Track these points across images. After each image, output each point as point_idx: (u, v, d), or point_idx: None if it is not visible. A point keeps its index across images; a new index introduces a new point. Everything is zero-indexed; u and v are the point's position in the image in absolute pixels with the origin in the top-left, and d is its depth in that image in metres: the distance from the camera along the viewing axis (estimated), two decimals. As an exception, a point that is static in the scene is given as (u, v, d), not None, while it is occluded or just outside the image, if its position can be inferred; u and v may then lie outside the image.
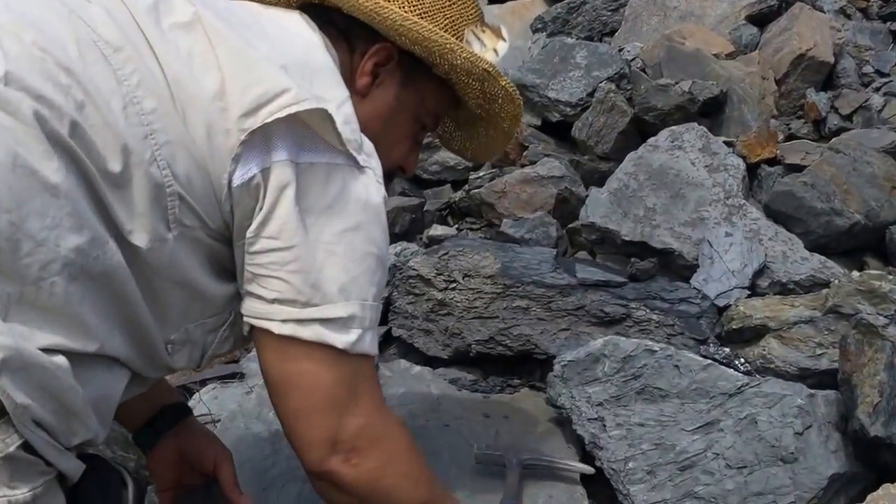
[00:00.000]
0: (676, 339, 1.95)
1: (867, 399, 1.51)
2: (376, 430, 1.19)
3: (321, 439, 1.16)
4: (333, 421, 1.15)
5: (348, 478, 1.17)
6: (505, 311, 2.12)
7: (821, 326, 1.83)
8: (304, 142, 1.10)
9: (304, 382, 1.14)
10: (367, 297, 1.15)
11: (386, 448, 1.20)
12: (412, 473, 1.25)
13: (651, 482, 1.67)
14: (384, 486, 1.21)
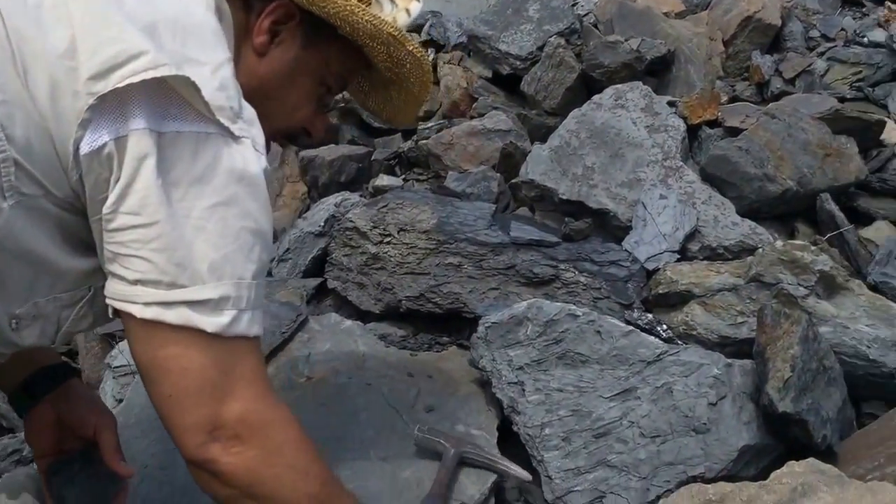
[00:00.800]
0: (602, 302, 1.84)
1: (778, 374, 1.41)
2: (259, 416, 1.05)
3: (197, 425, 1.02)
4: (210, 407, 1.01)
5: (229, 467, 1.03)
6: (437, 268, 2.00)
7: (743, 295, 1.73)
8: (168, 109, 0.96)
9: (175, 367, 1.00)
10: (244, 275, 1.01)
11: (270, 436, 1.06)
12: (300, 465, 1.09)
13: (566, 449, 1.57)
14: (268, 476, 1.06)
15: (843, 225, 1.95)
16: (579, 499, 1.53)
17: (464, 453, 1.55)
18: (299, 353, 1.85)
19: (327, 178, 2.62)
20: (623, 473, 1.53)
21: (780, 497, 1.28)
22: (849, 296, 1.69)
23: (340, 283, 2.15)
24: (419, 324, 2.05)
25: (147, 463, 1.58)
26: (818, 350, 1.49)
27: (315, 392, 1.74)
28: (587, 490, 1.53)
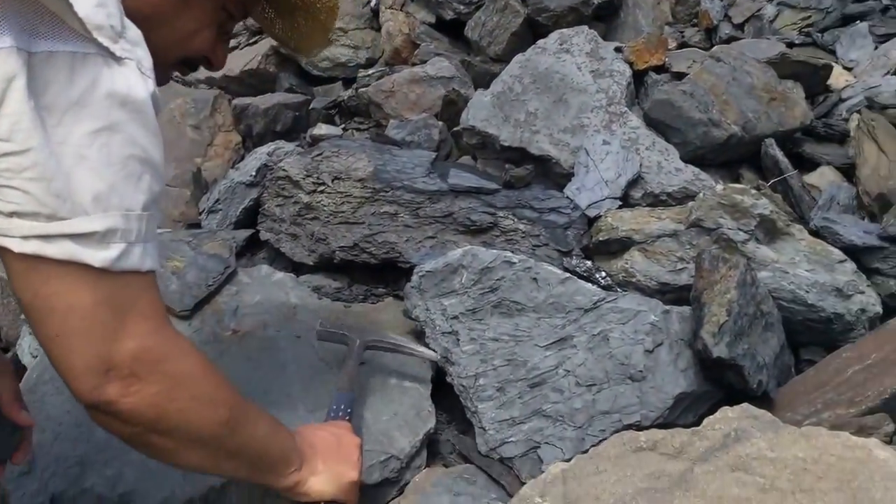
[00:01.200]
0: (541, 250, 1.80)
1: (714, 318, 1.38)
2: (157, 352, 0.99)
3: (89, 367, 0.95)
4: (102, 346, 0.95)
5: (128, 406, 0.98)
6: (372, 217, 1.93)
7: (683, 240, 1.69)
8: (39, 27, 0.87)
9: (60, 305, 0.93)
10: (132, 206, 0.94)
11: (170, 371, 1.01)
12: (206, 395, 1.05)
13: (500, 399, 1.54)
14: (172, 411, 1.02)
15: (788, 170, 1.91)
16: (513, 449, 1.49)
17: (368, 342, 1.55)
18: (226, 306, 1.78)
19: (262, 128, 2.52)
20: (558, 423, 1.49)
21: (713, 443, 1.25)
22: (789, 241, 1.66)
23: (273, 234, 2.07)
24: (354, 275, 1.99)
25: (62, 420, 1.51)
26: (756, 295, 1.46)
27: (241, 345, 1.67)
28: (521, 441, 1.50)
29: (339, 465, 1.25)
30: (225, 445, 1.10)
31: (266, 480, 1.19)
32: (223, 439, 1.09)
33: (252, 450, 1.14)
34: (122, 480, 1.41)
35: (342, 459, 1.26)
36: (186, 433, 1.05)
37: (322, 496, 1.23)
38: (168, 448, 1.05)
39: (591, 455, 1.26)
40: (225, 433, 1.08)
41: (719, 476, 1.19)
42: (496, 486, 1.47)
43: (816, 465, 1.18)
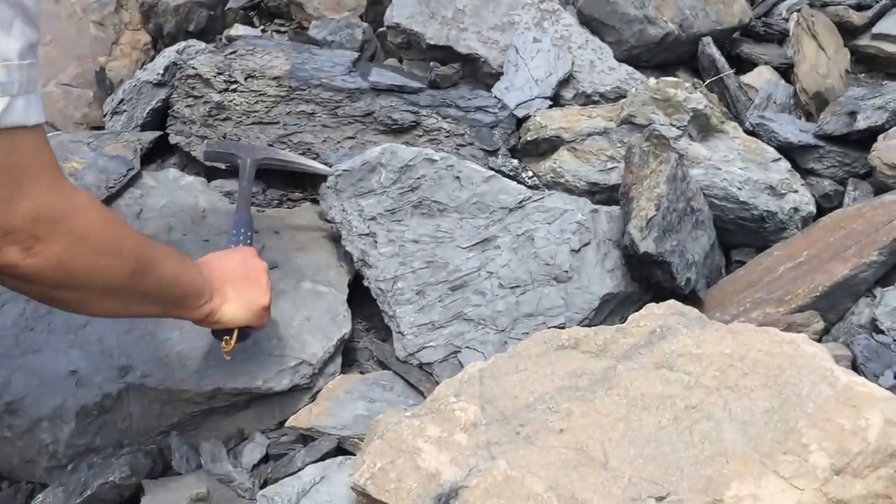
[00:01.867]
0: (465, 149, 1.71)
1: (642, 212, 1.32)
2: (55, 210, 0.93)
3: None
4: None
5: (31, 269, 0.94)
6: (287, 117, 1.81)
7: (614, 138, 1.62)
8: None
9: None
10: (7, 55, 0.85)
11: (71, 228, 0.96)
12: (110, 247, 1.02)
13: (419, 303, 1.46)
14: (78, 268, 0.99)
15: (724, 70, 1.85)
16: (433, 354, 1.43)
17: (260, 160, 1.47)
18: (129, 209, 1.66)
19: (173, 27, 2.35)
20: (480, 327, 1.43)
21: (638, 340, 1.20)
22: (723, 138, 1.60)
23: (183, 137, 1.94)
24: (269, 179, 1.87)
25: None
26: (686, 191, 1.40)
27: (143, 250, 1.56)
28: (441, 346, 1.43)
29: (249, 290, 1.25)
30: (135, 291, 1.08)
31: (179, 314, 1.20)
32: (132, 287, 1.07)
33: (162, 290, 1.13)
34: (10, 388, 1.31)
35: (251, 285, 1.26)
36: (94, 286, 1.03)
37: (235, 322, 1.24)
38: (77, 300, 1.04)
39: (511, 354, 1.20)
40: (133, 282, 1.07)
41: (643, 373, 1.15)
42: (415, 392, 1.41)
43: (743, 361, 1.14)
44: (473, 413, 1.11)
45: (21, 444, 1.31)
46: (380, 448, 1.08)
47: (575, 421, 1.10)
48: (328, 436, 1.31)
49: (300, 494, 1.18)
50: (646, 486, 1.02)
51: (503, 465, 1.04)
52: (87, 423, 1.31)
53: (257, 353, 1.39)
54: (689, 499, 1.00)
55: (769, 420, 1.07)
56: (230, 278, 1.25)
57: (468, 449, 1.07)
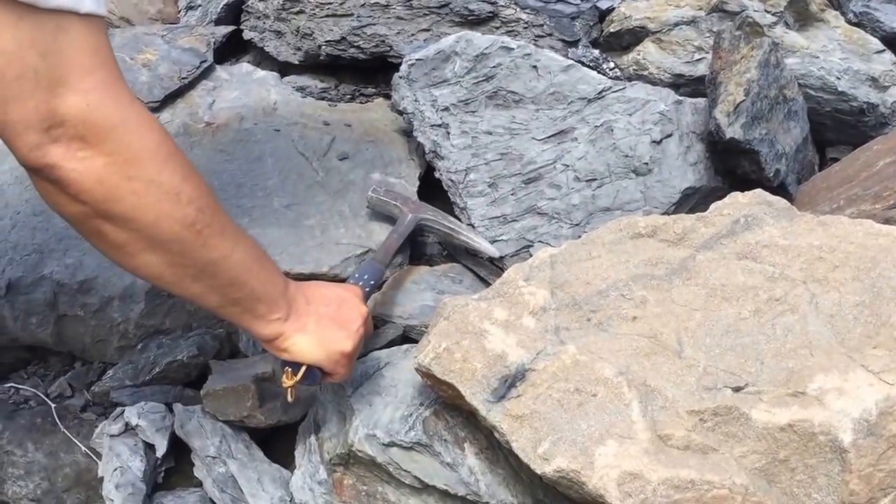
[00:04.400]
0: (544, 40, 1.64)
1: (730, 97, 1.24)
2: (106, 115, 0.85)
3: (28, 122, 0.82)
4: (38, 98, 0.82)
5: (74, 174, 0.85)
6: (362, 9, 1.77)
7: (703, 28, 1.53)
8: None
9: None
10: None
11: (124, 141, 0.86)
12: (167, 182, 0.89)
13: (492, 195, 1.43)
14: (125, 192, 0.87)
15: (828, -42, 1.72)
16: (505, 248, 1.40)
17: (422, 220, 1.37)
18: (201, 100, 1.67)
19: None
20: (554, 221, 1.39)
21: (720, 230, 1.14)
22: (822, 28, 1.50)
23: (257, 32, 1.93)
24: (342, 75, 1.85)
25: (20, 209, 1.43)
26: (779, 77, 1.32)
27: (215, 138, 1.57)
28: (514, 239, 1.40)
29: (334, 330, 1.08)
30: (191, 256, 0.95)
31: (242, 321, 1.04)
32: (188, 246, 0.94)
33: (225, 274, 0.98)
34: (83, 268, 1.34)
35: (339, 325, 1.09)
36: (143, 225, 0.90)
37: (304, 356, 1.07)
38: (122, 242, 0.91)
39: (584, 241, 1.16)
40: (190, 238, 0.93)
41: (724, 264, 1.09)
42: (484, 285, 1.38)
43: (833, 253, 1.08)
44: (543, 297, 1.08)
45: (93, 322, 1.34)
46: (445, 329, 1.06)
47: (649, 309, 1.06)
48: (394, 324, 1.30)
49: (364, 377, 1.18)
50: (722, 376, 0.98)
51: (572, 350, 1.01)
52: (156, 303, 1.33)
53: (325, 240, 1.38)
54: (768, 390, 0.95)
55: (859, 314, 1.01)
56: (318, 310, 1.08)
57: (536, 332, 1.05)
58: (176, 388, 1.31)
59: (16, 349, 1.41)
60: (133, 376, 1.30)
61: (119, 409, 1.27)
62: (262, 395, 1.23)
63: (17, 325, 1.35)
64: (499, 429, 0.97)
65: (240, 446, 1.21)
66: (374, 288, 1.25)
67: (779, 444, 0.91)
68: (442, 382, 1.03)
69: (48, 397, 1.36)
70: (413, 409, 1.11)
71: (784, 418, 0.91)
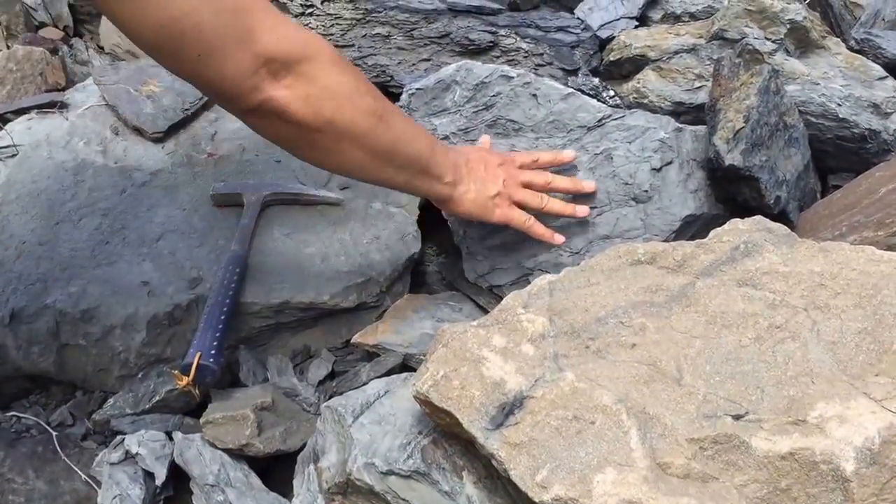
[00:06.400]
0: (544, 69, 1.65)
1: (729, 124, 1.24)
2: (293, 42, 1.04)
3: (241, 72, 1.01)
4: (244, 49, 1.00)
5: (285, 100, 1.04)
6: (363, 40, 1.80)
7: (703, 55, 1.54)
8: None
9: (188, 26, 0.95)
10: None
11: (311, 61, 1.05)
12: (349, 83, 1.10)
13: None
14: (325, 100, 1.07)
15: (828, -13, 1.73)
16: (504, 277, 1.40)
17: (266, 197, 1.47)
18: (204, 131, 1.68)
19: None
20: (553, 249, 1.39)
21: (719, 256, 1.14)
22: (823, 55, 1.50)
23: (260, 63, 1.95)
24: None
25: (25, 239, 1.45)
26: (779, 104, 1.32)
27: (217, 168, 1.58)
28: (513, 268, 1.40)
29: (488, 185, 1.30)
30: (380, 140, 1.15)
31: (425, 187, 1.25)
32: (377, 133, 1.14)
33: (407, 150, 1.19)
34: (86, 297, 1.35)
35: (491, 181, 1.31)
36: (343, 125, 1.10)
37: (471, 210, 1.30)
38: (330, 146, 1.12)
39: (583, 267, 1.16)
40: (376, 123, 1.13)
41: (724, 291, 1.09)
42: (483, 314, 1.38)
43: (835, 280, 1.08)
44: (541, 325, 1.08)
45: (95, 351, 1.35)
46: (444, 356, 1.06)
47: (648, 336, 1.06)
48: (393, 352, 1.30)
49: (364, 406, 1.18)
50: (722, 404, 0.97)
51: (571, 377, 1.01)
52: (157, 332, 1.34)
53: (326, 269, 1.39)
54: (769, 418, 0.94)
55: (861, 342, 1.00)
56: (474, 173, 1.29)
57: (535, 360, 1.04)
58: (176, 417, 1.31)
59: (18, 379, 1.41)
60: (133, 405, 1.30)
61: (119, 438, 1.27)
62: (261, 423, 1.23)
63: (20, 354, 1.36)
64: (496, 456, 0.96)
65: (238, 475, 1.21)
66: (241, 277, 1.33)
67: (780, 472, 0.90)
68: (440, 410, 1.03)
69: (49, 426, 1.37)
70: (412, 437, 1.11)
71: (785, 447, 0.91)
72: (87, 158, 1.57)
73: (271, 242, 1.42)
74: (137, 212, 1.48)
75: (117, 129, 1.66)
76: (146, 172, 1.55)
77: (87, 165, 1.56)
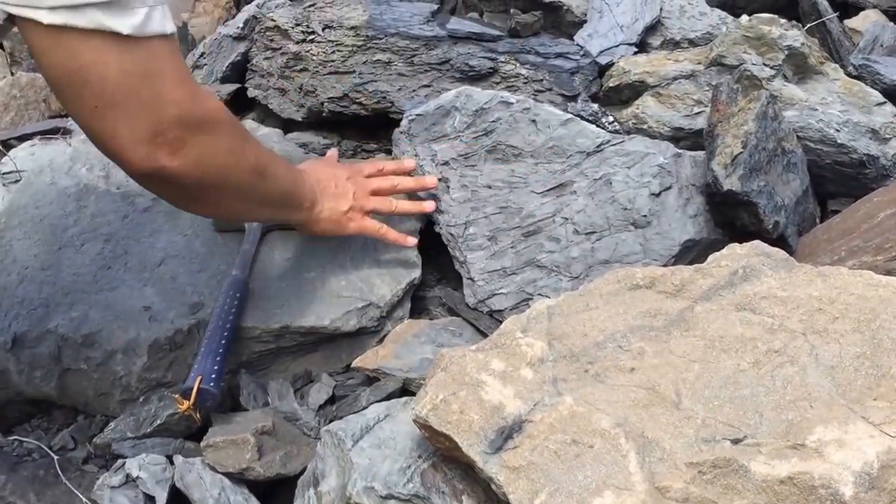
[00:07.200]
0: (544, 95, 1.67)
1: (727, 150, 1.26)
2: (196, 114, 1.06)
3: (137, 138, 1.01)
4: (144, 116, 1.00)
5: (178, 170, 1.05)
6: (364, 66, 1.82)
7: (702, 82, 1.56)
8: None
9: (93, 77, 0.95)
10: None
11: (209, 130, 1.08)
12: (238, 146, 1.16)
13: (491, 249, 1.44)
14: (216, 166, 1.12)
15: (826, 13, 1.75)
16: (504, 301, 1.41)
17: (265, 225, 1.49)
18: (206, 156, 1.70)
19: (257, -16, 2.40)
20: (553, 274, 1.40)
21: (718, 281, 1.15)
22: (822, 80, 1.52)
23: (261, 90, 1.97)
24: (345, 131, 1.89)
25: (28, 264, 1.46)
26: (777, 130, 1.34)
27: (218, 194, 1.59)
28: (513, 292, 1.41)
29: (338, 201, 1.38)
30: (258, 190, 1.22)
31: (288, 216, 1.36)
32: (257, 184, 1.21)
33: (278, 191, 1.28)
34: (87, 322, 1.36)
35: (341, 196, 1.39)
36: (228, 184, 1.15)
37: (325, 229, 1.38)
38: (213, 200, 1.17)
39: (582, 292, 1.17)
40: (257, 179, 1.20)
41: (723, 315, 1.10)
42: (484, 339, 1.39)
43: (833, 305, 1.09)
44: (540, 349, 1.09)
45: (96, 376, 1.36)
46: (443, 380, 1.07)
47: (647, 360, 1.07)
48: (393, 377, 1.31)
49: (364, 430, 1.18)
50: (721, 428, 0.98)
51: (569, 401, 1.02)
52: (158, 357, 1.35)
53: (326, 294, 1.40)
54: (767, 442, 0.95)
55: (859, 366, 1.01)
56: (326, 191, 1.37)
57: (533, 384, 1.05)
58: (176, 441, 1.32)
59: (20, 403, 1.42)
60: (134, 428, 1.31)
61: (120, 461, 1.28)
62: (262, 448, 1.23)
63: (22, 378, 1.37)
64: (495, 480, 0.97)
65: (239, 499, 1.21)
66: (242, 301, 1.35)
67: (779, 497, 0.90)
68: (439, 434, 1.03)
69: (51, 449, 1.37)
70: (412, 461, 1.11)
71: (784, 471, 0.91)
72: (89, 184, 1.59)
73: (272, 267, 1.43)
74: (139, 237, 1.49)
75: (120, 154, 1.68)
76: (148, 198, 1.57)
77: (89, 191, 1.57)
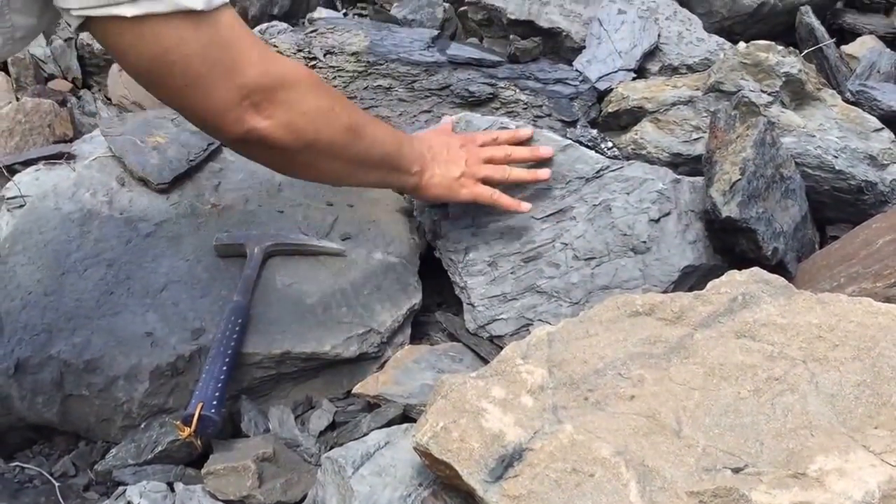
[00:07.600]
0: (543, 121, 1.68)
1: (725, 176, 1.27)
2: (275, 73, 1.12)
3: (226, 103, 1.09)
4: (229, 81, 1.08)
5: (269, 129, 1.13)
6: (365, 92, 1.83)
7: (700, 108, 1.57)
8: None
9: (178, 57, 1.04)
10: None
11: (290, 87, 1.14)
12: (326, 104, 1.21)
13: (491, 274, 1.45)
14: (303, 125, 1.16)
15: (823, 39, 1.77)
16: (504, 327, 1.41)
17: (268, 248, 1.49)
18: (207, 181, 1.70)
19: (258, 10, 2.41)
20: (553, 299, 1.41)
21: (717, 308, 1.16)
22: (819, 107, 1.53)
23: (264, 114, 1.98)
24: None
25: (32, 290, 1.46)
26: (775, 157, 1.35)
27: (220, 219, 1.60)
28: (513, 318, 1.42)
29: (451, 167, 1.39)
30: (355, 150, 1.25)
31: (395, 181, 1.38)
32: (352, 144, 1.24)
33: (377, 153, 1.30)
34: (90, 348, 1.36)
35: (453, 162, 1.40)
36: (320, 143, 1.20)
37: (437, 195, 1.41)
38: (310, 163, 1.23)
39: (582, 319, 1.18)
40: (352, 137, 1.24)
41: (722, 342, 1.11)
42: (484, 364, 1.39)
43: (833, 332, 1.09)
44: (540, 376, 1.09)
45: (98, 402, 1.36)
46: (443, 408, 1.07)
47: (647, 388, 1.07)
48: (394, 403, 1.31)
49: (364, 457, 1.18)
50: (721, 457, 0.98)
51: (569, 429, 1.02)
52: (160, 383, 1.35)
53: (327, 319, 1.40)
54: (768, 471, 0.95)
55: (860, 394, 1.01)
56: (438, 158, 1.38)
57: (534, 411, 1.05)
58: (177, 468, 1.31)
59: (22, 428, 1.42)
60: (135, 455, 1.31)
61: (121, 488, 1.27)
62: (263, 475, 1.23)
63: (24, 404, 1.37)
64: (496, 510, 0.97)
65: (239, 527, 1.21)
66: (243, 327, 1.35)
67: (779, 526, 0.90)
68: (439, 462, 1.03)
69: (52, 476, 1.37)
70: (412, 489, 1.11)
71: (785, 500, 0.91)
72: (93, 209, 1.59)
73: (273, 293, 1.44)
74: (142, 262, 1.50)
75: (123, 179, 1.68)
76: (151, 223, 1.57)
77: (93, 216, 1.58)
